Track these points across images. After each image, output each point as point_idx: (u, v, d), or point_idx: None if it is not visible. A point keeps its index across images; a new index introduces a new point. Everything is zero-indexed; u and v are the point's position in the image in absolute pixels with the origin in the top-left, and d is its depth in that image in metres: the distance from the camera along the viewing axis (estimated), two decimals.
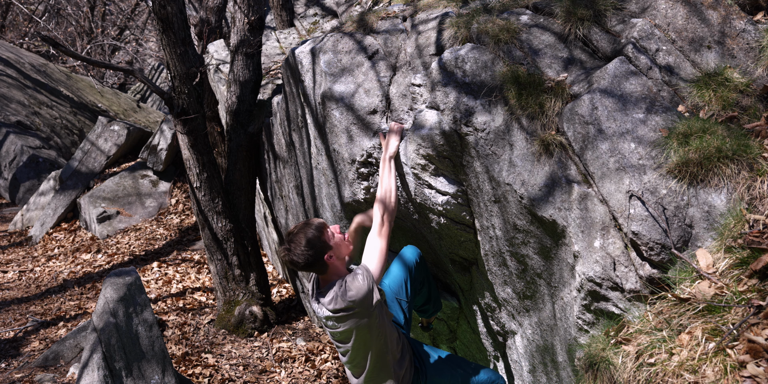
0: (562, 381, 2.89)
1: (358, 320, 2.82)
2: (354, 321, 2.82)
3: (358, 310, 2.79)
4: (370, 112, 3.25)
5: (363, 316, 2.81)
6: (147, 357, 4.01)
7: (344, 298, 2.77)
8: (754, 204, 2.18)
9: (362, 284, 2.77)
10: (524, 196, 2.63)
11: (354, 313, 2.79)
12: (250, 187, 5.98)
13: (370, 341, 2.90)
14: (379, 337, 2.90)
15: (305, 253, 2.80)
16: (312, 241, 2.81)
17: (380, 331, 2.89)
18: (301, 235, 2.82)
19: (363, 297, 2.76)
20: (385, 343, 2.94)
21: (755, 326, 1.87)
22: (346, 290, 2.77)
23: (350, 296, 2.76)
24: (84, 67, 15.16)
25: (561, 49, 2.78)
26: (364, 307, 2.78)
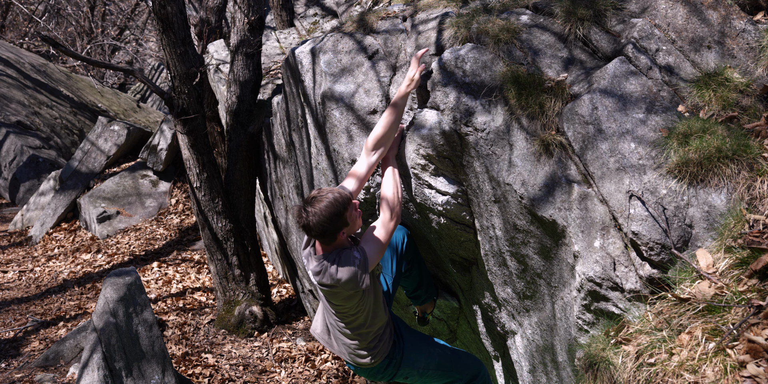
0: (562, 381, 2.89)
1: (340, 296, 2.85)
2: (336, 296, 2.86)
3: (340, 290, 2.81)
4: (370, 112, 3.25)
5: (345, 295, 2.84)
6: (147, 357, 4.01)
7: (332, 277, 2.77)
8: (754, 204, 2.18)
9: (354, 270, 2.76)
10: (524, 196, 2.63)
11: (337, 291, 2.82)
12: (250, 187, 5.98)
13: (351, 313, 2.92)
14: (360, 312, 2.92)
15: (323, 225, 2.70)
16: (335, 216, 2.71)
17: (362, 308, 2.90)
18: (326, 207, 2.70)
19: (348, 281, 2.77)
20: (366, 318, 2.95)
21: (755, 326, 1.87)
22: (336, 270, 2.76)
23: (338, 277, 2.77)
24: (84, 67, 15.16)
25: (561, 49, 2.78)
26: (347, 289, 2.80)
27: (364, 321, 2.96)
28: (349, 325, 2.97)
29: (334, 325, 3.05)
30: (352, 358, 3.10)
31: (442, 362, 3.23)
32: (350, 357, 3.11)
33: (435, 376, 3.25)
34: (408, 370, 3.18)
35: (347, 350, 3.09)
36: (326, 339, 3.18)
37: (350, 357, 3.11)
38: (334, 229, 2.73)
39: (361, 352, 3.06)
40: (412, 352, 3.17)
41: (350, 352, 3.09)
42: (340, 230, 2.77)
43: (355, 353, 3.07)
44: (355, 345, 3.04)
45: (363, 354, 3.06)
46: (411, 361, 3.17)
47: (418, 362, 3.18)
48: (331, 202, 2.71)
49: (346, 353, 3.11)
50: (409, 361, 3.16)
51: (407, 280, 3.51)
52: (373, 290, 2.93)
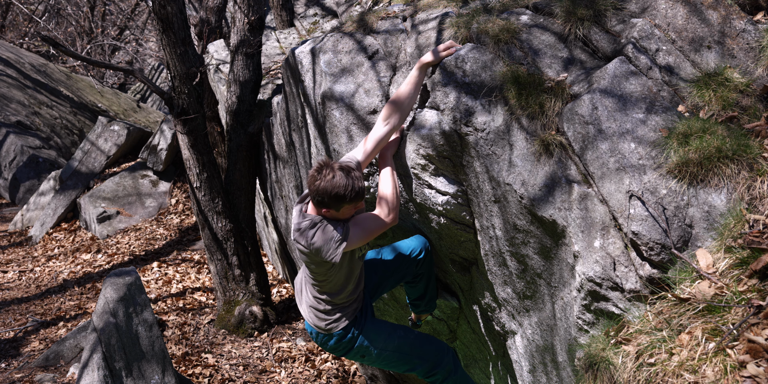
0: (562, 381, 2.89)
1: (310, 258, 2.92)
2: (307, 256, 2.92)
3: (310, 254, 2.88)
4: (370, 112, 3.25)
5: (315, 260, 2.91)
6: (147, 357, 4.01)
7: (306, 240, 2.84)
8: (754, 204, 2.18)
9: (328, 242, 2.82)
10: (524, 196, 2.63)
11: (307, 253, 2.89)
12: (250, 187, 5.98)
13: (319, 279, 3.00)
14: (326, 282, 2.99)
15: (323, 196, 2.75)
16: (337, 198, 2.76)
17: (329, 279, 2.97)
18: (339, 186, 2.73)
19: (319, 250, 2.83)
20: (332, 288, 3.02)
21: (755, 326, 1.87)
22: (314, 235, 2.82)
23: (311, 242, 2.83)
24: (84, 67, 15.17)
25: (561, 49, 2.78)
26: (316, 255, 2.86)
27: (330, 290, 3.03)
28: (317, 286, 3.06)
29: (307, 279, 3.12)
30: (312, 319, 3.15)
31: (402, 345, 3.22)
32: (310, 317, 3.15)
33: (392, 359, 3.24)
34: (365, 348, 3.19)
35: (309, 309, 3.14)
36: (298, 291, 3.25)
37: (310, 317, 3.15)
38: (326, 204, 2.79)
39: (320, 315, 3.11)
40: (372, 331, 3.19)
41: (311, 312, 3.14)
42: (328, 208, 2.82)
43: (316, 315, 3.13)
44: (316, 305, 3.11)
45: (322, 317, 3.11)
46: (369, 339, 3.18)
47: (376, 341, 3.19)
48: (345, 187, 2.74)
49: (308, 312, 3.16)
50: (366, 338, 3.18)
51: (412, 289, 3.53)
52: (346, 268, 2.97)
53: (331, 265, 2.90)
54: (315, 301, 3.11)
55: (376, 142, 3.01)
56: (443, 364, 3.29)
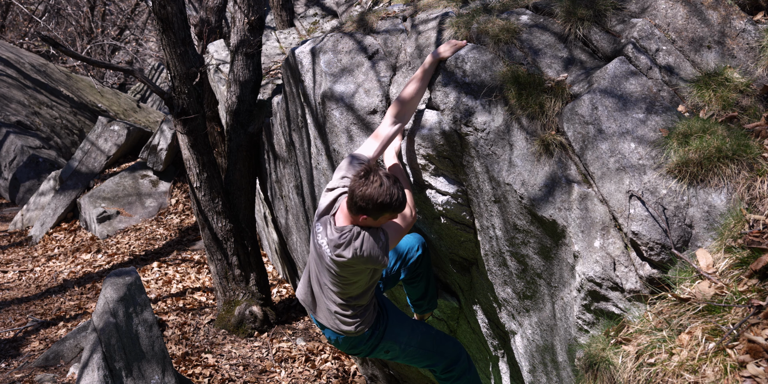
0: (562, 381, 2.89)
1: (350, 269, 2.84)
2: (346, 268, 2.84)
3: (356, 264, 2.80)
4: (370, 112, 3.25)
5: (356, 270, 2.84)
6: (147, 357, 4.01)
7: (355, 251, 2.74)
8: (754, 204, 2.18)
9: (378, 249, 2.75)
10: (524, 196, 2.63)
11: (351, 263, 2.80)
12: (250, 187, 5.98)
13: (349, 283, 2.92)
14: (358, 287, 2.94)
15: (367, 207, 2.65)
16: (383, 206, 2.67)
17: (362, 283, 2.92)
18: (385, 195, 2.65)
19: (370, 258, 2.75)
20: (359, 290, 2.96)
21: (755, 326, 1.87)
22: (361, 244, 2.74)
23: (362, 252, 2.73)
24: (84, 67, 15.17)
25: (561, 49, 2.78)
26: (364, 263, 2.79)
27: (358, 293, 2.97)
28: (342, 294, 2.97)
29: (325, 291, 3.02)
30: (337, 325, 3.07)
31: (425, 341, 3.22)
32: (334, 323, 3.07)
33: (416, 355, 3.23)
34: (390, 343, 3.16)
35: (332, 316, 3.06)
36: (309, 303, 3.16)
37: (334, 323, 3.07)
38: (367, 211, 2.68)
39: (347, 320, 3.04)
40: (396, 326, 3.17)
41: (336, 319, 3.05)
42: (367, 216, 2.72)
43: (342, 321, 3.04)
44: (342, 311, 3.03)
45: (349, 321, 3.04)
46: (394, 335, 3.15)
47: (400, 336, 3.17)
48: (391, 195, 2.68)
49: (330, 319, 3.08)
50: (391, 334, 3.15)
51: (414, 289, 3.52)
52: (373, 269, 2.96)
53: (372, 271, 2.88)
54: (340, 307, 3.02)
55: (385, 141, 2.96)
56: (461, 361, 3.29)
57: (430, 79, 2.95)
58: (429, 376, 4.30)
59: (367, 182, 2.63)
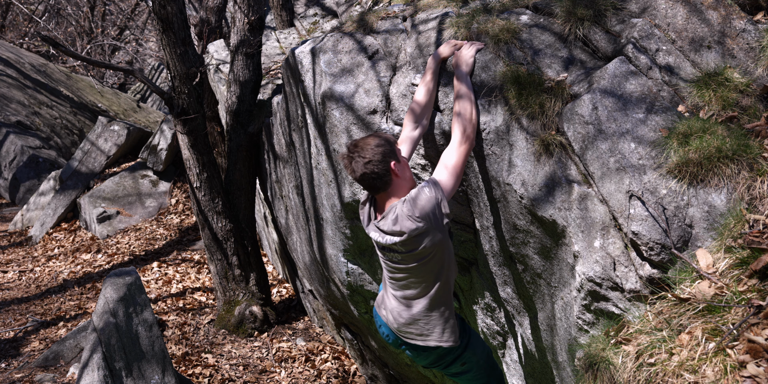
0: (562, 381, 2.89)
1: (429, 238, 2.56)
2: (425, 239, 2.55)
3: (428, 227, 2.52)
4: (370, 112, 3.25)
5: (435, 232, 2.55)
6: (147, 357, 4.01)
7: (412, 215, 2.50)
8: (754, 204, 2.18)
9: (429, 195, 2.51)
10: (524, 196, 2.63)
11: (425, 230, 2.53)
12: (250, 187, 5.98)
13: (428, 265, 2.64)
14: (440, 263, 2.66)
15: (373, 156, 2.53)
16: (382, 144, 2.56)
17: (439, 255, 2.64)
18: (370, 139, 2.59)
19: (431, 209, 2.51)
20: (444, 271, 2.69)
21: (755, 326, 1.87)
22: (412, 206, 2.51)
23: (418, 211, 2.50)
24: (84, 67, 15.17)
25: (561, 49, 2.78)
26: (433, 221, 2.52)
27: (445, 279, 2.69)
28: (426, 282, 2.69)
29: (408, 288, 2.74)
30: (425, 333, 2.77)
31: (488, 359, 3.02)
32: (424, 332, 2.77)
33: (480, 374, 2.97)
34: (470, 354, 2.89)
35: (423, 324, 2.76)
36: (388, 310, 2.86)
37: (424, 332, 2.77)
38: (384, 160, 2.55)
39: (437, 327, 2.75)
40: (473, 337, 2.94)
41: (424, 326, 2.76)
42: (391, 161, 2.56)
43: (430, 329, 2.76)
44: (433, 314, 2.74)
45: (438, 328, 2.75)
46: (473, 347, 2.91)
47: (476, 347, 2.92)
48: (371, 135, 2.61)
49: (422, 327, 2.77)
50: (472, 346, 2.91)
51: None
52: (447, 238, 2.65)
53: (446, 233, 2.60)
54: (429, 308, 2.73)
55: (410, 144, 2.86)
56: (503, 379, 3.12)
57: (438, 79, 2.95)
58: (429, 376, 4.30)
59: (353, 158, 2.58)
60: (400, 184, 2.63)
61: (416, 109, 2.89)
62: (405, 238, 2.56)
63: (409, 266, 2.67)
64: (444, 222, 2.57)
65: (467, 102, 2.74)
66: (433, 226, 2.54)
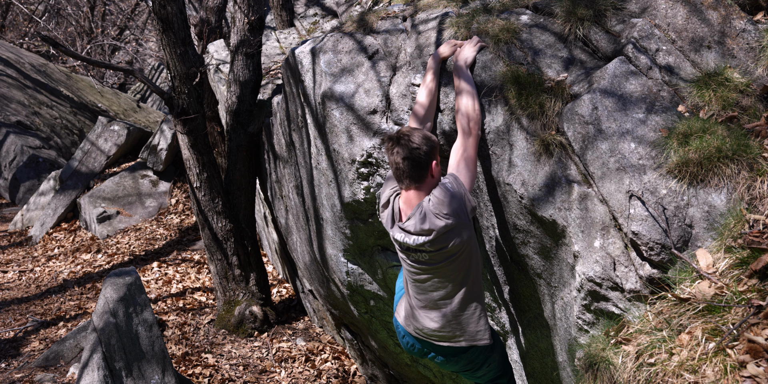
0: (562, 381, 2.89)
1: (458, 235, 2.53)
2: (454, 237, 2.53)
3: (457, 223, 2.51)
4: (370, 112, 3.25)
5: (462, 228, 2.53)
6: (147, 357, 4.01)
7: (440, 213, 2.49)
8: (754, 204, 2.18)
9: (454, 191, 2.51)
10: (524, 196, 2.63)
11: (453, 226, 2.51)
12: (250, 187, 5.98)
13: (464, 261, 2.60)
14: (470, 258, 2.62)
15: (422, 145, 2.54)
16: (432, 140, 2.58)
17: (473, 251, 2.62)
18: (417, 132, 2.60)
19: (459, 205, 2.50)
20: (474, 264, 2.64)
21: (755, 326, 1.87)
22: (439, 204, 2.50)
23: (446, 208, 2.48)
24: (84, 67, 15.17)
25: (561, 49, 2.78)
26: (462, 217, 2.51)
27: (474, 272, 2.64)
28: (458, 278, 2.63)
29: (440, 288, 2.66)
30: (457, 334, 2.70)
31: (504, 353, 2.98)
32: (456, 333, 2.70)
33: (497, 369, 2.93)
34: (496, 354, 2.87)
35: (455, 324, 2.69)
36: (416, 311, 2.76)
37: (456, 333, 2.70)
38: (429, 153, 2.57)
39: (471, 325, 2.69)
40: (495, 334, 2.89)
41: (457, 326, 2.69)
42: (434, 158, 2.58)
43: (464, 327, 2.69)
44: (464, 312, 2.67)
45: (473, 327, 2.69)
46: (495, 345, 2.84)
47: (497, 347, 2.88)
48: (416, 129, 2.63)
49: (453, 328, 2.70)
50: (497, 344, 2.86)
51: None
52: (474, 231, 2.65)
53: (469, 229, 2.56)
54: (461, 307, 2.66)
55: None
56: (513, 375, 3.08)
57: (439, 79, 2.95)
58: (429, 376, 4.30)
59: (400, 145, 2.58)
60: (430, 184, 2.62)
61: (419, 111, 2.90)
62: (434, 237, 2.53)
63: (437, 266, 2.61)
64: (470, 217, 2.57)
65: (469, 96, 2.74)
66: (462, 221, 2.53)
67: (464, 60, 2.83)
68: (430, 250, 2.58)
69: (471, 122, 2.69)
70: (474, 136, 2.69)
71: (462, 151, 2.67)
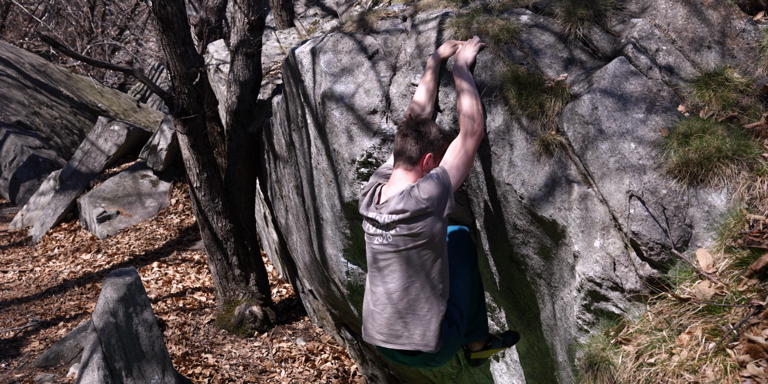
0: (562, 381, 2.89)
1: (429, 223, 2.54)
2: (424, 222, 2.54)
3: (431, 210, 2.53)
4: (370, 112, 3.25)
5: (435, 219, 2.54)
6: (147, 357, 4.01)
7: (419, 196, 2.53)
8: (754, 204, 2.18)
9: (439, 182, 2.56)
10: (524, 196, 2.63)
11: (428, 212, 2.53)
12: (250, 187, 5.98)
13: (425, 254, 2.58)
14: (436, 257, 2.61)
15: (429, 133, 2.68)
16: (442, 134, 2.72)
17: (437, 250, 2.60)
18: (434, 124, 2.75)
19: (439, 195, 2.54)
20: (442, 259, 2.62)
21: (755, 326, 1.87)
22: (420, 190, 2.54)
23: (426, 193, 2.53)
24: (84, 67, 15.17)
25: (561, 49, 2.78)
26: (437, 207, 2.53)
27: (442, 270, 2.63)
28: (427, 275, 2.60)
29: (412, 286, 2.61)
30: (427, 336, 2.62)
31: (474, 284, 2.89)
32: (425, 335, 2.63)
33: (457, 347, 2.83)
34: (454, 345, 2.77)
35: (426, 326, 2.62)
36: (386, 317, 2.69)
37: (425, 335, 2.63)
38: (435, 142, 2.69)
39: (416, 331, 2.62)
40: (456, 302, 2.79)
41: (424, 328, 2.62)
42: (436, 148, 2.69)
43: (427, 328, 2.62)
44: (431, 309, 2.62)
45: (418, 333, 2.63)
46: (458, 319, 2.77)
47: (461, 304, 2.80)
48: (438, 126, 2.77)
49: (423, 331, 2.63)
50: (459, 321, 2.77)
51: None
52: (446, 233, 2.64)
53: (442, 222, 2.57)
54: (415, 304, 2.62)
55: None
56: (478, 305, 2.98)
57: (438, 79, 2.95)
58: (429, 376, 4.30)
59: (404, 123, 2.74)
60: (419, 171, 2.69)
61: (415, 109, 2.91)
62: (406, 216, 2.55)
63: (399, 251, 2.60)
64: (446, 213, 2.58)
65: (471, 96, 2.75)
66: (436, 211, 2.55)
67: (464, 60, 2.83)
68: (397, 230, 2.58)
69: (475, 123, 2.70)
70: (477, 137, 2.70)
71: (461, 151, 2.67)
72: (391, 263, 2.65)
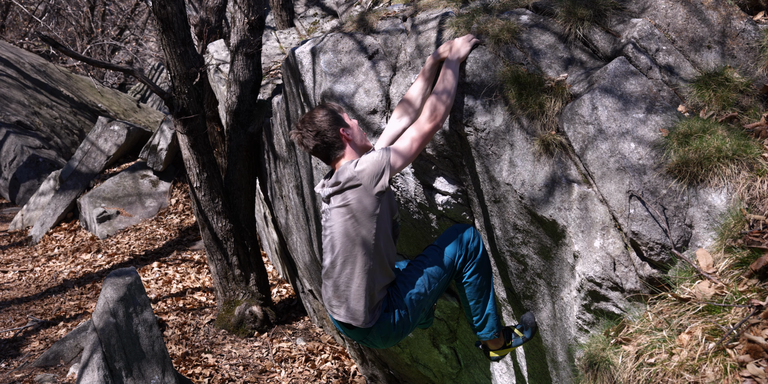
0: (562, 381, 2.89)
1: (357, 197, 2.58)
2: (353, 195, 2.58)
3: (361, 183, 2.57)
4: (370, 112, 3.25)
5: (364, 194, 2.57)
6: (147, 357, 4.01)
7: (351, 169, 2.59)
8: (754, 204, 2.18)
9: (376, 159, 2.59)
10: (524, 196, 2.63)
11: (356, 184, 2.58)
12: (250, 187, 5.98)
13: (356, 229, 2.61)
14: (369, 232, 2.62)
15: (320, 125, 2.69)
16: (330, 111, 2.72)
17: (369, 226, 2.62)
18: (315, 111, 2.75)
19: (371, 171, 2.57)
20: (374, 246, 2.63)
21: (755, 326, 1.87)
22: (355, 164, 2.61)
23: (359, 166, 2.58)
24: (84, 67, 15.17)
25: (561, 49, 2.78)
26: (366, 182, 2.57)
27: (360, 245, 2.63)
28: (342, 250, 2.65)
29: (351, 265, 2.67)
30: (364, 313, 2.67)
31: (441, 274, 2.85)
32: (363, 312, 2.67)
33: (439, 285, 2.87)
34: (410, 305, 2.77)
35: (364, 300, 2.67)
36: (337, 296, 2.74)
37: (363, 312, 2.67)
38: (332, 125, 2.71)
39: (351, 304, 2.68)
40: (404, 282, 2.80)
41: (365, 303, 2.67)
42: (340, 127, 2.71)
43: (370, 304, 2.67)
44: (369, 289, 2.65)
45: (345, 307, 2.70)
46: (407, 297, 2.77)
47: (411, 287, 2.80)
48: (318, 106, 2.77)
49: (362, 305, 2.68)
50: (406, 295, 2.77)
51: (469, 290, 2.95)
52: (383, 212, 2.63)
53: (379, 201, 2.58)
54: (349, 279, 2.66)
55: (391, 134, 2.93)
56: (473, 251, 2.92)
57: (433, 79, 2.96)
58: (429, 376, 4.30)
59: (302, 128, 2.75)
60: (354, 148, 2.75)
61: (404, 104, 2.93)
62: (338, 188, 2.63)
63: (334, 224, 2.67)
64: (376, 190, 2.59)
65: (448, 84, 2.78)
66: (365, 186, 2.59)
67: (456, 55, 2.85)
68: (334, 204, 2.66)
69: (439, 110, 2.72)
70: (434, 124, 2.71)
71: (416, 134, 2.69)
72: (332, 237, 2.71)
